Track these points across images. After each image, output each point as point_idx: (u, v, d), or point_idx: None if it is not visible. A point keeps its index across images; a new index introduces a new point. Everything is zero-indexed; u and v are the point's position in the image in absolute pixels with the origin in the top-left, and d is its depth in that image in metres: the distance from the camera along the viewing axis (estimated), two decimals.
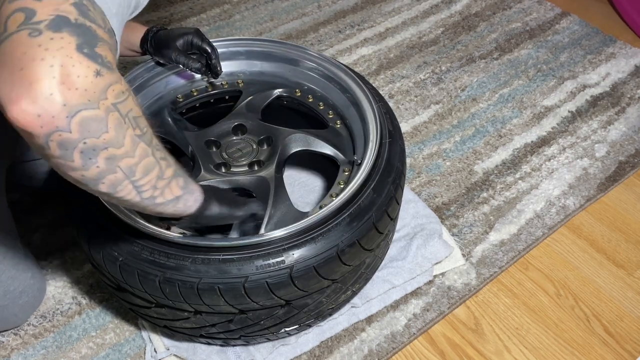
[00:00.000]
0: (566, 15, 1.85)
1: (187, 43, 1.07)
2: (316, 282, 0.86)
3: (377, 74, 1.64)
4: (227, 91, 1.19)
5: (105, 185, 0.61)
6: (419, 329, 1.10)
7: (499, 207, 1.31)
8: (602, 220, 1.30)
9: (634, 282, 1.19)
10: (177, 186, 0.71)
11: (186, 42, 1.07)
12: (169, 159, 0.69)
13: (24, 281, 1.05)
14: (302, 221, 0.85)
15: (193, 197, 0.76)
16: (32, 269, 1.09)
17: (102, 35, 0.56)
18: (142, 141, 0.61)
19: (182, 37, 1.06)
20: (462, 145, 1.44)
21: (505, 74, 1.65)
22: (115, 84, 0.56)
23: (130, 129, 0.59)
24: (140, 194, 0.65)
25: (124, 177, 0.61)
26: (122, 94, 0.57)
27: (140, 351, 1.08)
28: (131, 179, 0.62)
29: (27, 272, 1.06)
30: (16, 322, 1.09)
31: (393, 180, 0.93)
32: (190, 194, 0.75)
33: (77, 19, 0.54)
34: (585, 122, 1.51)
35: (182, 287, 0.82)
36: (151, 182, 0.65)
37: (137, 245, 0.84)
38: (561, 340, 1.10)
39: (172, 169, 0.69)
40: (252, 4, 1.90)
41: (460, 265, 1.19)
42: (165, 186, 0.69)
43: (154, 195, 0.67)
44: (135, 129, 0.60)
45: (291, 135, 1.06)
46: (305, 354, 1.06)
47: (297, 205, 1.01)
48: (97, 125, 0.55)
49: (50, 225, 1.26)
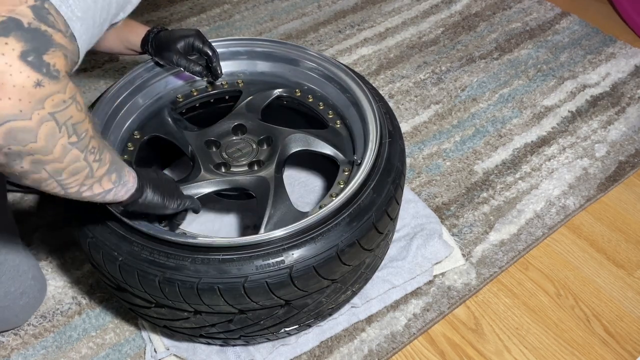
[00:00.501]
0: (566, 15, 1.85)
1: (188, 45, 1.07)
2: (316, 282, 0.86)
3: (377, 74, 1.64)
4: (227, 91, 1.19)
5: (29, 180, 0.61)
6: (419, 329, 1.10)
7: (499, 207, 1.31)
8: (602, 220, 1.30)
9: (634, 282, 1.19)
10: (109, 181, 0.71)
11: (187, 44, 1.07)
12: (104, 158, 0.68)
13: (25, 282, 1.05)
14: (301, 221, 0.85)
15: (125, 188, 0.76)
16: (32, 270, 1.09)
17: (60, 40, 0.55)
18: (75, 148, 0.61)
19: (183, 40, 1.06)
20: (462, 145, 1.44)
21: (505, 74, 1.65)
22: (57, 93, 0.55)
23: (65, 137, 0.58)
24: (65, 189, 0.66)
25: (49, 177, 0.61)
26: (62, 103, 0.56)
27: (140, 351, 1.08)
28: (57, 179, 0.62)
29: (28, 273, 1.06)
30: (17, 323, 1.09)
31: (393, 180, 0.93)
32: (122, 186, 0.75)
33: (31, 22, 0.52)
34: (585, 122, 1.51)
35: (181, 287, 0.82)
36: (78, 181, 0.65)
37: (137, 245, 0.84)
38: (561, 340, 1.10)
39: (105, 168, 0.69)
40: (252, 4, 1.90)
41: (460, 265, 1.19)
42: (95, 182, 0.69)
43: (80, 190, 0.68)
44: (71, 137, 0.59)
45: (291, 135, 1.06)
46: (305, 354, 1.06)
47: (297, 205, 1.01)
48: (24, 136, 0.54)
49: (50, 225, 1.26)
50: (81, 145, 0.61)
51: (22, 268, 1.05)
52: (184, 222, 0.95)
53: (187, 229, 0.96)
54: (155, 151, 1.17)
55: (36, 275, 1.10)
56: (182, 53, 1.07)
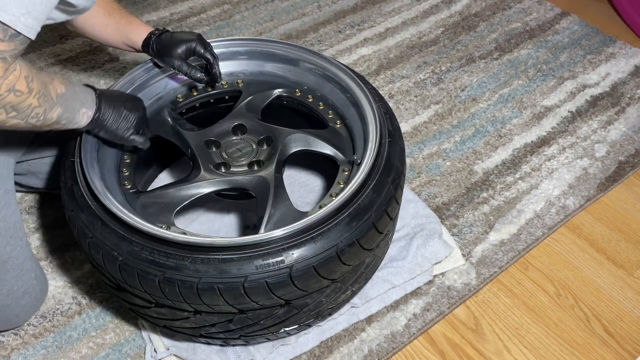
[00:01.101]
0: (566, 15, 1.85)
1: (189, 50, 1.08)
2: (316, 281, 0.86)
3: (377, 74, 1.64)
4: (227, 91, 1.19)
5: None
6: (419, 329, 1.10)
7: (499, 207, 1.31)
8: (602, 220, 1.30)
9: (634, 282, 1.19)
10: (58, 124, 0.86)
11: (188, 49, 1.07)
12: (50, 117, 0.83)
13: (28, 281, 1.06)
14: (301, 221, 0.85)
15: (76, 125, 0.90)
16: (35, 270, 1.09)
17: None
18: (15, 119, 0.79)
19: (185, 44, 1.07)
20: (462, 145, 1.44)
21: (505, 74, 1.65)
22: None
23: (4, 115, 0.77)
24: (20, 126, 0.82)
25: None
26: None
27: (140, 351, 1.08)
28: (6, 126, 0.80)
29: (31, 272, 1.06)
30: (17, 322, 1.09)
31: (393, 180, 0.93)
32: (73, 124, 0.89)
33: None
34: (585, 122, 1.51)
35: (181, 286, 0.82)
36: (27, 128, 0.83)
37: (137, 245, 0.84)
38: (561, 340, 1.10)
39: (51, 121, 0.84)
40: (252, 4, 1.90)
41: (460, 265, 1.19)
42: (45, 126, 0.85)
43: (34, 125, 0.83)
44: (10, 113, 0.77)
45: (291, 135, 1.06)
46: (305, 353, 1.06)
47: (297, 205, 1.01)
48: None
49: (50, 225, 1.26)
50: (22, 115, 0.79)
51: (26, 267, 1.05)
52: (183, 223, 0.96)
53: (187, 229, 0.96)
54: (155, 151, 1.17)
55: (39, 275, 1.10)
56: (184, 58, 1.07)
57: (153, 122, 1.11)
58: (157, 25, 1.77)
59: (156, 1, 1.90)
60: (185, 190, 0.99)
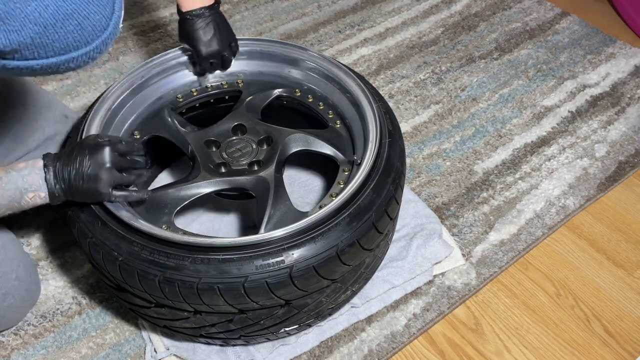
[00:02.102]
0: (566, 15, 1.85)
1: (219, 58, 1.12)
2: (316, 282, 0.86)
3: (377, 74, 1.64)
4: (227, 91, 1.19)
5: None
6: (419, 329, 1.10)
7: (499, 207, 1.31)
8: (602, 220, 1.30)
9: (634, 282, 1.19)
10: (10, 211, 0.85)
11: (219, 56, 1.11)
12: None
13: (7, 283, 1.02)
14: (301, 221, 0.85)
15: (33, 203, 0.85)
16: (18, 271, 1.04)
17: None
18: None
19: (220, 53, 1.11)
20: (462, 145, 1.44)
21: (505, 74, 1.65)
22: None
23: None
24: None
25: None
26: None
27: (140, 351, 1.08)
28: None
29: (10, 274, 1.03)
30: (6, 324, 1.07)
31: (393, 180, 0.93)
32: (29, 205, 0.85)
33: None
34: (585, 122, 1.51)
35: (181, 287, 0.82)
36: None
37: (137, 245, 0.84)
38: (561, 340, 1.10)
39: None
40: (252, 4, 1.90)
41: (460, 265, 1.19)
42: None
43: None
44: None
45: (291, 135, 1.06)
46: (305, 353, 1.06)
47: (297, 205, 1.01)
48: None
49: (50, 225, 1.26)
50: None
51: (3, 269, 1.01)
52: (183, 223, 0.95)
53: (187, 229, 0.96)
54: (155, 151, 1.17)
55: (21, 275, 1.06)
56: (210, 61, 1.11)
57: (153, 122, 1.12)
58: (157, 25, 1.77)
59: (156, 1, 1.90)
60: (185, 190, 0.99)
